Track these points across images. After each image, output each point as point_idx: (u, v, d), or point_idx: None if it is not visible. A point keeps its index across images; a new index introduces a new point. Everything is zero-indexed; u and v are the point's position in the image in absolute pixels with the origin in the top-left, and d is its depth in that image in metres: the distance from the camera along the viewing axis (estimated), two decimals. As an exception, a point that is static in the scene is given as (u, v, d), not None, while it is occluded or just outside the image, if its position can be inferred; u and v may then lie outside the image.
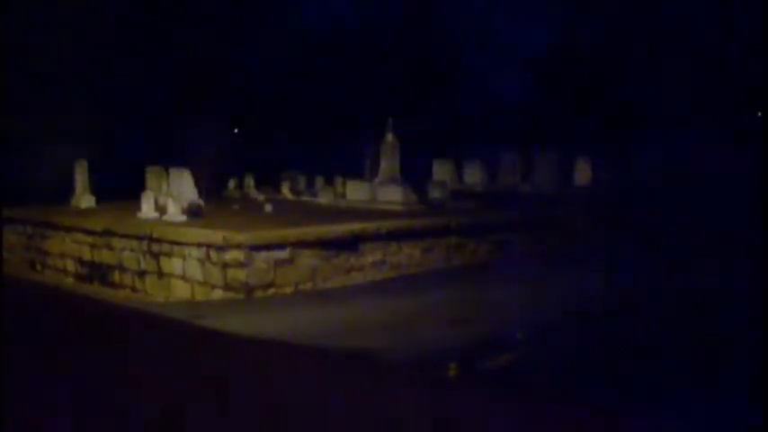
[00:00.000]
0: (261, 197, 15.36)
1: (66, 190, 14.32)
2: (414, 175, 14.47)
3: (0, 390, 3.27)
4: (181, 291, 9.86)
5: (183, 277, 9.85)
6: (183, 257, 9.83)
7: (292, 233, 9.58)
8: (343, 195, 14.56)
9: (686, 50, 20.49)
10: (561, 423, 3.33)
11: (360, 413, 3.26)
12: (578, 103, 22.09)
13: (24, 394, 3.33)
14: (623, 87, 21.62)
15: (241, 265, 9.06)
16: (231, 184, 16.98)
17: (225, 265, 9.16)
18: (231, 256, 9.09)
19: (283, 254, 9.33)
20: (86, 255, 11.71)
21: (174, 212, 11.27)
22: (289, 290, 9.35)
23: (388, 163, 14.01)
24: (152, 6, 18.26)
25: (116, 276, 11.06)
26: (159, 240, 10.20)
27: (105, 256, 11.29)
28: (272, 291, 9.23)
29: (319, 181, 16.57)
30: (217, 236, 9.29)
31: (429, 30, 24.20)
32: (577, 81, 22.71)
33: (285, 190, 16.21)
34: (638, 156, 17.01)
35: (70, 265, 12.11)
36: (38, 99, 16.12)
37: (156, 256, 10.29)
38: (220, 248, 9.18)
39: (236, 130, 21.56)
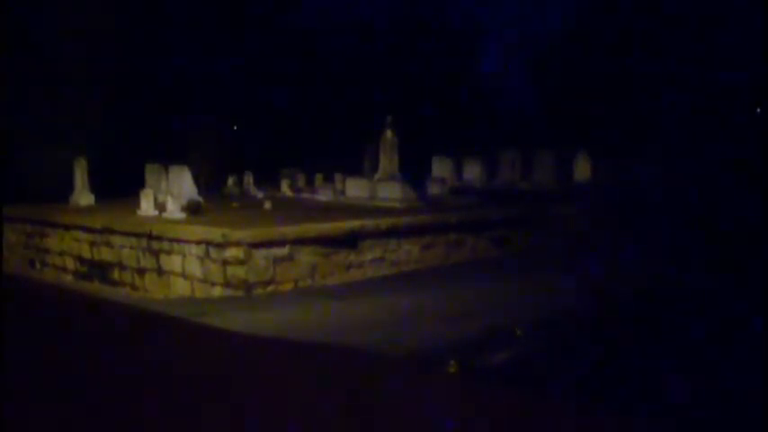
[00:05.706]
0: (260, 194, 15.37)
1: (66, 188, 14.32)
2: (413, 173, 14.46)
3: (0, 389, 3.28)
4: (180, 288, 9.87)
5: (183, 274, 9.86)
6: (183, 255, 9.84)
7: (292, 230, 9.59)
8: (343, 192, 14.56)
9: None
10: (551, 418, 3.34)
11: (359, 409, 3.27)
12: (578, 101, 22.09)
13: (23, 393, 3.34)
14: (622, 87, 21.62)
15: (240, 262, 9.07)
16: (230, 181, 16.98)
17: (224, 263, 9.16)
18: (231, 253, 9.10)
19: (283, 251, 9.35)
20: (86, 253, 11.72)
21: (174, 210, 11.28)
22: (288, 287, 9.36)
23: (388, 160, 14.01)
24: (152, 6, 18.26)
25: (116, 274, 11.08)
26: (159, 238, 10.21)
27: (105, 254, 11.31)
28: (271, 288, 9.24)
29: (319, 178, 16.58)
30: (216, 233, 9.30)
31: (429, 28, 24.19)
32: (577, 79, 22.71)
33: (285, 187, 16.22)
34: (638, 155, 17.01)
35: (70, 263, 12.12)
36: (36, 98, 16.11)
37: (155, 253, 10.30)
38: (220, 246, 9.19)
39: (235, 127, 21.56)
